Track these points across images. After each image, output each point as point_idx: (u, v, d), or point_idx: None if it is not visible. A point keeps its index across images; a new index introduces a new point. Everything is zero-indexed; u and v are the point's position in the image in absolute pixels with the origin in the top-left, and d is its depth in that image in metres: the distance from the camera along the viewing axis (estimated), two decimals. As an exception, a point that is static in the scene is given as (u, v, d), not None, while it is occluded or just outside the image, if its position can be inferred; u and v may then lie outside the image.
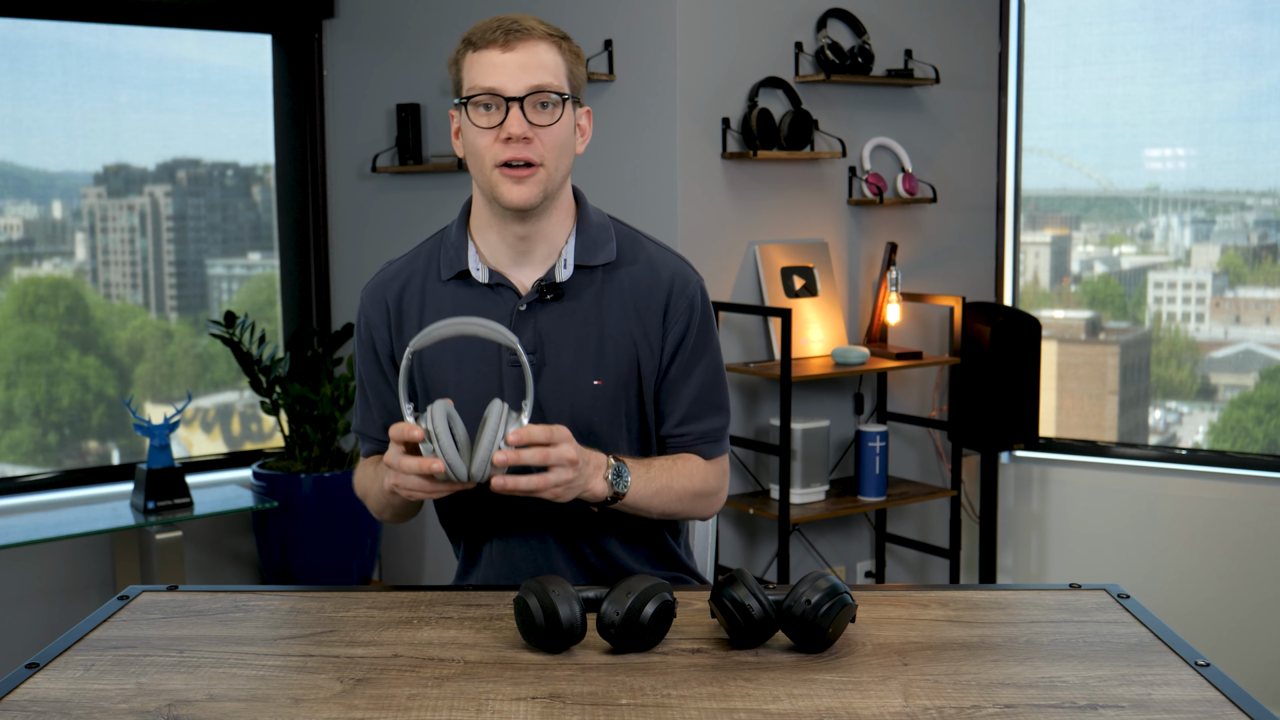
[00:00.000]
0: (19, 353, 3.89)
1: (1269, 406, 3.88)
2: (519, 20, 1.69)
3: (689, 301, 1.79)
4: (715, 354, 1.83)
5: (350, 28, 4.11)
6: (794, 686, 1.34)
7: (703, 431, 1.82)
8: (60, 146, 3.95)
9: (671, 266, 1.81)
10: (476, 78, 1.68)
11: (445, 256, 1.80)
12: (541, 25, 1.70)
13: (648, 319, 1.78)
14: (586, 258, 1.77)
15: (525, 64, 1.67)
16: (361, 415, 1.86)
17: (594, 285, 1.77)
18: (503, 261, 1.78)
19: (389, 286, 1.82)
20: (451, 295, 1.78)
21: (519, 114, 1.66)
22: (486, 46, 1.68)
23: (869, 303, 3.87)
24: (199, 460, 4.13)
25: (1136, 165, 4.08)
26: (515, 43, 1.67)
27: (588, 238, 1.78)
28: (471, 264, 1.78)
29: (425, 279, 1.80)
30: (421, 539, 4.19)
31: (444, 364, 1.76)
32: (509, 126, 1.66)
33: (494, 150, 1.68)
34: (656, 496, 1.73)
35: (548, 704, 1.29)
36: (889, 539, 3.94)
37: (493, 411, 1.54)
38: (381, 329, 1.81)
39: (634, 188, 3.58)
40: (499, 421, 1.53)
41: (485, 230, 1.78)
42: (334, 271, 4.24)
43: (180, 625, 1.54)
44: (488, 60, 1.67)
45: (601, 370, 1.75)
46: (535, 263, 1.77)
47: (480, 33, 1.69)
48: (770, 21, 3.62)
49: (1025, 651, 1.44)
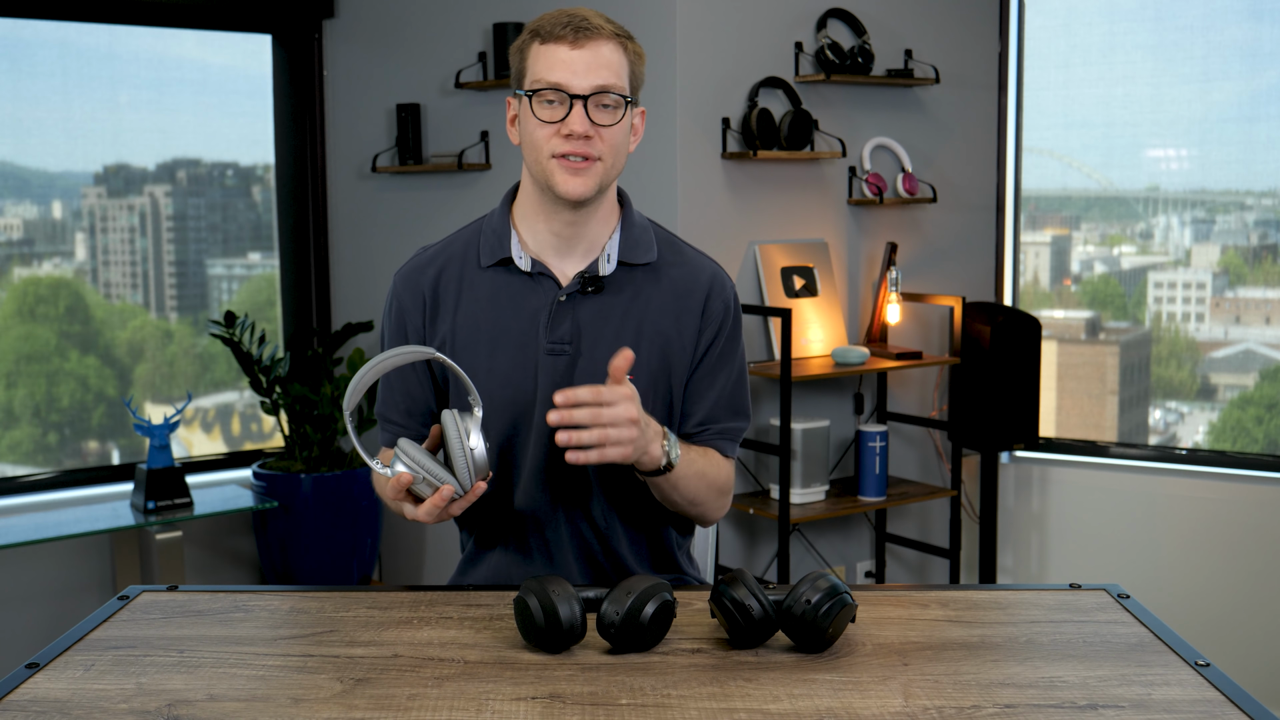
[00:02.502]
0: (19, 353, 3.89)
1: (1269, 406, 3.88)
2: (588, 18, 1.69)
3: (724, 305, 1.82)
4: (742, 359, 1.86)
5: (350, 28, 4.11)
6: (794, 686, 1.34)
7: (721, 430, 1.84)
8: (60, 146, 3.95)
9: (710, 270, 1.84)
10: (542, 71, 1.68)
11: (486, 243, 1.80)
12: (609, 24, 1.71)
13: (684, 319, 1.80)
14: (630, 256, 1.79)
15: (592, 63, 1.68)
16: (384, 398, 1.86)
17: (634, 283, 1.79)
18: (546, 251, 1.78)
19: (425, 272, 1.82)
20: (490, 282, 1.79)
21: (582, 112, 1.67)
22: (555, 41, 1.68)
23: (869, 303, 3.87)
24: (199, 460, 4.13)
25: (1136, 165, 4.08)
26: (584, 40, 1.68)
27: (631, 237, 1.80)
28: (514, 251, 1.78)
29: (463, 265, 1.80)
30: (421, 539, 4.19)
31: (478, 352, 1.77)
32: (571, 124, 1.67)
33: (553, 142, 1.69)
34: (696, 478, 1.75)
35: (548, 704, 1.29)
36: (889, 539, 3.94)
37: (447, 421, 1.56)
38: (415, 314, 1.81)
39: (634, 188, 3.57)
40: (455, 425, 1.55)
41: (531, 218, 1.78)
42: (334, 271, 4.24)
43: (180, 625, 1.54)
44: (555, 55, 1.68)
45: (635, 366, 1.76)
46: (577, 255, 1.79)
47: (549, 25, 1.69)
48: (770, 21, 3.62)
49: (1025, 651, 1.44)
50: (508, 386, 1.75)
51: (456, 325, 1.78)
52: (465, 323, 1.78)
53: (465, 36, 3.85)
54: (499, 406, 1.75)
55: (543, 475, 1.78)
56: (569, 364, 1.75)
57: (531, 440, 1.78)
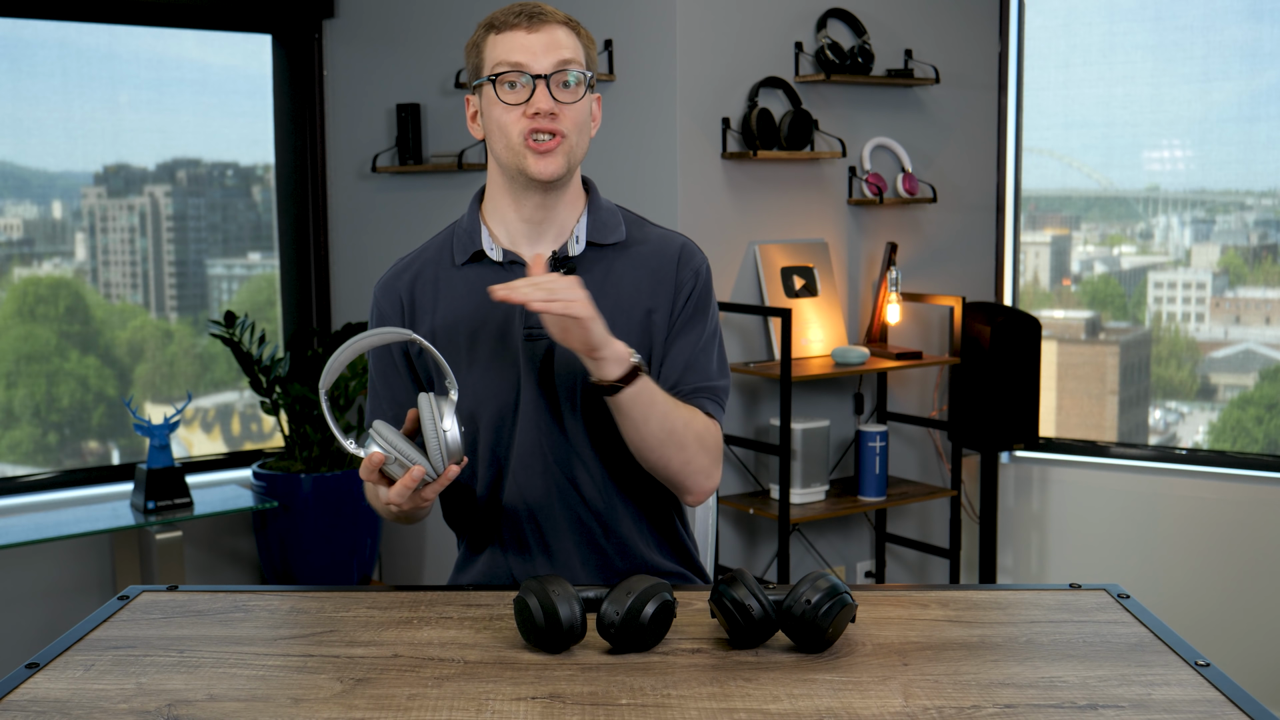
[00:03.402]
0: (19, 353, 3.89)
1: (1269, 406, 3.88)
2: (539, 5, 1.75)
3: (694, 271, 1.84)
4: (714, 324, 1.85)
5: (350, 28, 4.11)
6: (794, 686, 1.34)
7: (697, 386, 1.80)
8: (60, 146, 3.95)
9: (679, 241, 1.86)
10: (502, 54, 1.72)
11: (459, 243, 1.84)
12: (559, 11, 1.77)
13: (659, 290, 1.82)
14: (598, 236, 1.82)
15: (549, 44, 1.72)
16: (372, 406, 1.89)
17: (604, 261, 1.81)
18: (518, 241, 1.82)
19: (401, 278, 1.86)
20: (465, 279, 1.82)
21: (545, 90, 1.71)
22: (510, 29, 1.73)
23: (869, 303, 3.87)
24: (199, 460, 4.13)
25: (1136, 165, 4.08)
26: (539, 25, 1.73)
27: (598, 219, 1.83)
28: (485, 245, 1.81)
29: (438, 267, 1.84)
30: (421, 539, 4.19)
31: (460, 347, 1.79)
32: (536, 102, 1.71)
33: (520, 124, 1.72)
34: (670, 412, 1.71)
35: (548, 704, 1.29)
36: (889, 539, 3.94)
37: (422, 403, 1.57)
38: (394, 320, 1.84)
39: (634, 187, 3.58)
40: (430, 408, 1.56)
41: (501, 210, 1.82)
42: (334, 271, 4.24)
43: (180, 625, 1.54)
44: (513, 40, 1.72)
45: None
46: (548, 240, 1.81)
47: (502, 16, 1.75)
48: (770, 21, 3.62)
49: (1025, 651, 1.44)
50: (491, 377, 1.78)
51: (436, 325, 1.81)
52: (445, 321, 1.80)
53: (465, 36, 3.84)
54: (484, 397, 1.77)
55: (534, 461, 1.78)
56: (548, 348, 1.77)
57: (519, 427, 1.78)
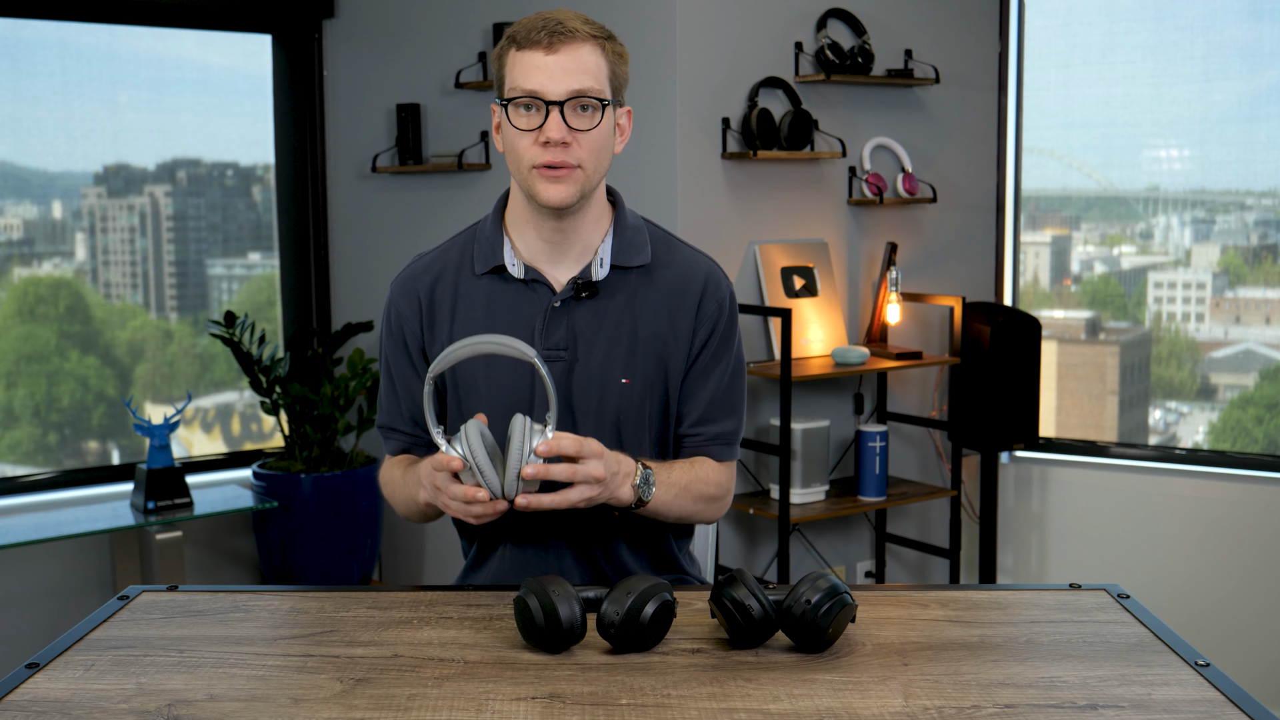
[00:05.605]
0: (19, 353, 3.89)
1: (1269, 406, 3.88)
2: (564, 21, 1.67)
3: (718, 304, 1.81)
4: (738, 358, 1.85)
5: (350, 28, 4.11)
6: (794, 686, 1.34)
7: (716, 433, 1.83)
8: (60, 146, 3.95)
9: (705, 269, 1.82)
10: (519, 79, 1.67)
11: (479, 251, 1.80)
12: (586, 25, 1.69)
13: (679, 320, 1.79)
14: (623, 259, 1.78)
15: (568, 67, 1.65)
16: (388, 409, 1.86)
17: (628, 286, 1.78)
18: (538, 258, 1.78)
19: (420, 279, 1.82)
20: (485, 290, 1.78)
21: (559, 118, 1.66)
22: (530, 47, 1.66)
23: (869, 303, 3.87)
24: (199, 460, 4.13)
25: (1136, 165, 4.08)
26: (560, 45, 1.66)
27: (624, 239, 1.79)
28: (507, 259, 1.78)
29: (459, 273, 1.80)
30: (421, 539, 4.19)
31: (476, 361, 1.77)
32: (548, 130, 1.66)
33: (532, 152, 1.68)
34: (676, 500, 1.75)
35: (548, 704, 1.29)
36: (889, 539, 3.94)
37: (516, 427, 1.54)
38: (413, 321, 1.81)
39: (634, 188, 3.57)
40: (523, 438, 1.53)
41: (521, 226, 1.78)
42: (334, 271, 4.24)
43: (180, 625, 1.54)
44: (531, 61, 1.66)
45: (631, 369, 1.76)
46: (570, 260, 1.78)
47: (525, 31, 1.67)
48: (770, 21, 3.62)
49: (1025, 651, 1.44)
50: (505, 395, 1.75)
51: (454, 334, 1.78)
52: (462, 332, 1.77)
53: (465, 36, 3.85)
54: (497, 415, 1.74)
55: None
56: (565, 370, 1.75)
57: None
